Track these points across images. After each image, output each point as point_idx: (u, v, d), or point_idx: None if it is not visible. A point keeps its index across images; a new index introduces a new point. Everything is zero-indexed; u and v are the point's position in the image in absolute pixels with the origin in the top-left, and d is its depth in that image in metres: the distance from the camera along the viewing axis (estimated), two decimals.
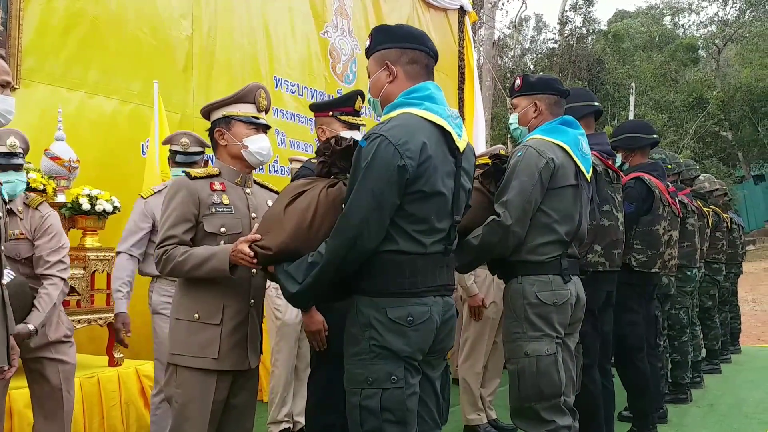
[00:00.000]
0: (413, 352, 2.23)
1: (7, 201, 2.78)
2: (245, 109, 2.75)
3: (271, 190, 2.96)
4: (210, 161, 3.80)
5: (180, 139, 3.96)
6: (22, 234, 3.13)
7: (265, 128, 2.78)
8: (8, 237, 3.03)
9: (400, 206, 2.20)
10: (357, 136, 2.85)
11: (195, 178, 2.68)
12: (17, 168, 3.12)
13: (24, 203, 3.20)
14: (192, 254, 2.56)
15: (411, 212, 2.22)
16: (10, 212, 3.10)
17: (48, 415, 3.18)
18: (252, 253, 2.40)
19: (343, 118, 3.26)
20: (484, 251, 2.96)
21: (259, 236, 2.39)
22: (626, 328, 4.29)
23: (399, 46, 2.39)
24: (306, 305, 3.02)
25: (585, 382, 3.39)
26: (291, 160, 4.89)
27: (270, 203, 2.81)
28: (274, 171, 6.38)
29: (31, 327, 2.97)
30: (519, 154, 2.99)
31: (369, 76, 2.47)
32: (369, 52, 2.46)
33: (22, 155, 3.15)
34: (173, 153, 3.96)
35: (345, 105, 3.29)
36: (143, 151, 5.31)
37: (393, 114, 2.29)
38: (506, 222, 2.88)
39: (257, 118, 2.75)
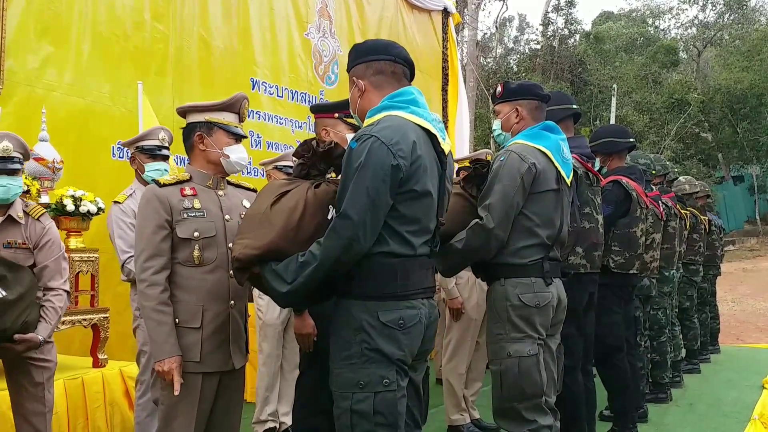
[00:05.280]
0: (405, 355, 2.26)
1: None
2: (228, 118, 2.77)
3: (248, 189, 2.96)
4: None
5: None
6: (24, 243, 3.04)
7: (243, 138, 2.82)
8: (7, 243, 2.99)
9: (392, 207, 2.22)
10: None
11: (164, 185, 2.70)
12: (12, 173, 2.99)
13: (24, 211, 3.09)
14: (162, 321, 2.58)
15: (403, 212, 2.24)
16: (10, 219, 3.03)
17: (29, 416, 3.16)
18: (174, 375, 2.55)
19: (349, 120, 3.27)
20: (468, 254, 3.00)
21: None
22: (605, 328, 4.35)
23: (363, 61, 2.44)
24: (294, 305, 3.01)
25: (567, 383, 3.45)
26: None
27: (246, 203, 2.83)
28: (248, 173, 6.37)
29: (40, 338, 2.97)
30: (502, 158, 3.04)
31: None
32: (348, 71, 2.51)
33: (18, 160, 3.02)
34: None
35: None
36: (113, 153, 5.31)
37: (379, 116, 2.31)
38: (489, 225, 2.92)
39: (239, 128, 2.79)
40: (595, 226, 3.84)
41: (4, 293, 2.83)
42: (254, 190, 2.97)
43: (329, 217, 2.29)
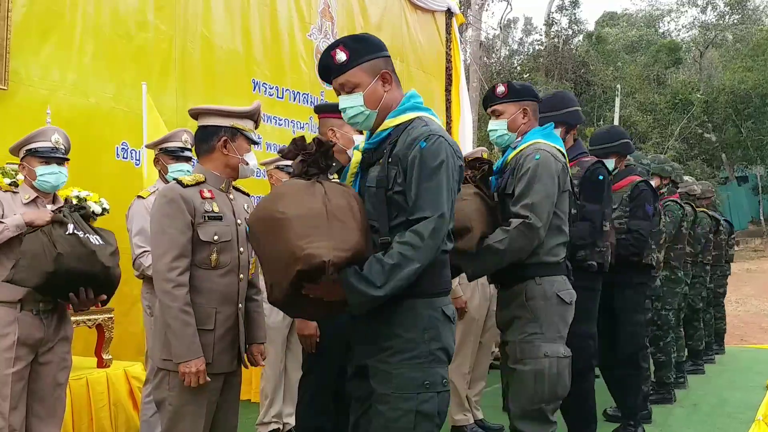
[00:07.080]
0: (453, 350, 2.28)
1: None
2: (249, 125, 2.80)
3: (245, 194, 2.98)
4: None
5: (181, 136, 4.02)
6: None
7: (256, 145, 2.88)
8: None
9: None
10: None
11: (187, 185, 2.68)
12: (61, 162, 3.28)
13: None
14: (188, 322, 2.57)
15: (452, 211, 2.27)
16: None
17: (44, 415, 3.18)
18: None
19: None
20: (510, 255, 2.93)
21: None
22: (636, 327, 4.34)
23: (383, 55, 2.35)
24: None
25: (578, 382, 3.39)
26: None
27: (246, 207, 2.84)
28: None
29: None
30: (536, 157, 2.99)
31: (353, 89, 2.31)
32: (349, 65, 2.29)
33: (63, 152, 3.32)
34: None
35: None
36: (117, 154, 5.33)
37: (410, 116, 2.28)
38: (537, 225, 2.89)
39: (255, 135, 2.84)
40: (609, 227, 3.86)
41: (100, 241, 3.13)
42: (248, 194, 3.00)
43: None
